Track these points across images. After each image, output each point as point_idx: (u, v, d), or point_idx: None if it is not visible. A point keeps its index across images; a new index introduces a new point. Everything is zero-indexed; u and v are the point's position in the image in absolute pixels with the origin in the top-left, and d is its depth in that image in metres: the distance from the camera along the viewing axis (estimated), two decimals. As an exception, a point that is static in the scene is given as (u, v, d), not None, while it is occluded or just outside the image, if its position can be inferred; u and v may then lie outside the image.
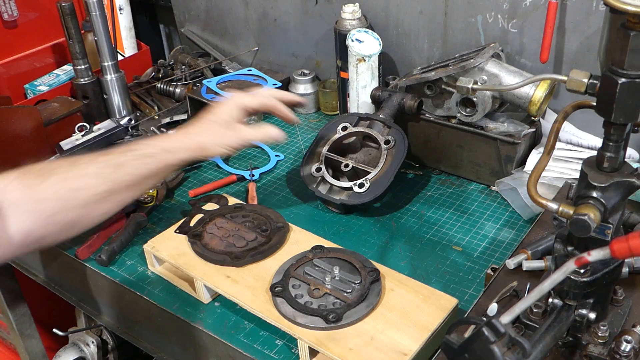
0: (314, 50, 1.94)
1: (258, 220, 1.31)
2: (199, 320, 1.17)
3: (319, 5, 1.84)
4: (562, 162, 1.44)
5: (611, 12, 0.76)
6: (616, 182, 0.81)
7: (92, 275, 1.34)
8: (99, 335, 1.82)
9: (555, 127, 0.92)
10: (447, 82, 1.47)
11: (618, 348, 0.84)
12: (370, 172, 1.41)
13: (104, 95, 1.81)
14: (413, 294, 1.10)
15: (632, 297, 0.97)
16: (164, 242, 1.27)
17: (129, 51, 2.15)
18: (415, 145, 1.57)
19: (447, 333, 0.79)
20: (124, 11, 2.12)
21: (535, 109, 1.38)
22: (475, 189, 1.51)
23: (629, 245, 0.69)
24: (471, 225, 1.39)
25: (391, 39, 1.73)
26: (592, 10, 1.39)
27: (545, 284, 0.73)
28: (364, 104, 1.64)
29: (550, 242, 1.06)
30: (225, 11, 2.09)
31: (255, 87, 1.88)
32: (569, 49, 1.47)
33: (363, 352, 0.99)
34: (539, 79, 0.93)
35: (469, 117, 1.45)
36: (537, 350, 0.79)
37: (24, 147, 1.60)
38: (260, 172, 1.61)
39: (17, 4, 1.89)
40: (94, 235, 1.37)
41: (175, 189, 1.58)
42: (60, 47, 2.02)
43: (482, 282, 1.21)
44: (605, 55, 0.81)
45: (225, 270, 1.19)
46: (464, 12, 1.57)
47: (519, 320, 0.91)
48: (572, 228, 0.80)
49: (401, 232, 1.38)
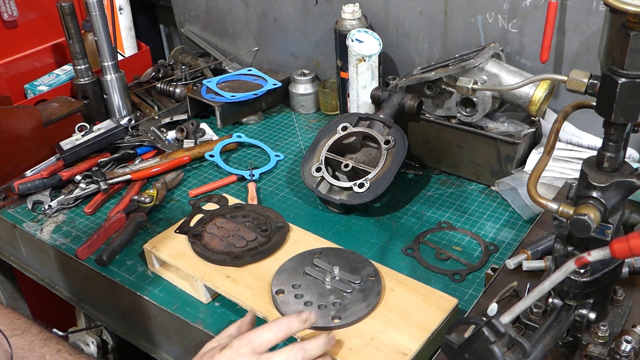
0: (314, 50, 1.94)
1: (258, 220, 1.31)
2: (199, 320, 1.17)
3: (319, 5, 1.84)
4: (562, 162, 1.44)
5: (611, 12, 0.76)
6: (616, 182, 0.81)
7: (92, 275, 1.34)
8: (99, 335, 1.82)
9: (555, 127, 0.92)
10: (447, 82, 1.47)
11: (618, 348, 0.84)
12: (370, 172, 1.41)
13: (104, 95, 1.82)
14: (413, 294, 1.10)
15: (632, 297, 0.97)
16: (164, 242, 1.27)
17: (129, 51, 2.15)
18: (415, 145, 1.57)
19: (447, 333, 0.79)
20: (124, 11, 2.12)
21: (535, 109, 1.38)
22: (475, 189, 1.51)
23: (629, 245, 0.69)
24: (471, 225, 1.39)
25: (391, 39, 1.73)
26: (592, 10, 1.39)
27: (545, 284, 0.73)
28: (364, 104, 1.64)
29: (550, 242, 1.06)
30: (225, 11, 2.09)
31: (255, 87, 1.89)
32: (569, 49, 1.47)
33: (363, 352, 0.99)
34: (539, 79, 0.93)
35: (469, 117, 1.45)
36: (537, 350, 0.79)
37: (24, 147, 1.60)
38: (260, 172, 1.61)
39: (17, 4, 1.89)
40: (94, 235, 1.37)
41: (175, 189, 1.58)
42: (60, 47, 2.02)
43: (482, 282, 1.21)
44: (605, 55, 0.80)
45: (225, 270, 1.19)
46: (464, 12, 1.57)
47: (519, 320, 0.91)
48: (572, 228, 0.80)
49: (401, 232, 1.38)
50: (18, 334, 1.08)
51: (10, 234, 1.53)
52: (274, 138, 1.80)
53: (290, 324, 0.96)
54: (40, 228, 1.46)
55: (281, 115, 1.92)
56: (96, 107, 1.82)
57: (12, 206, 1.54)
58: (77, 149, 1.60)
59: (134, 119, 1.75)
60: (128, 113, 1.84)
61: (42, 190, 1.54)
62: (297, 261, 1.18)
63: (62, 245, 1.40)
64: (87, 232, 1.43)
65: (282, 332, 0.95)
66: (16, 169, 1.59)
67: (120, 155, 1.64)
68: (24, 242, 1.51)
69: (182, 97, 1.94)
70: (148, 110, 1.91)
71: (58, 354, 1.05)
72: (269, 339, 0.94)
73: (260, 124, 1.88)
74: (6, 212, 1.52)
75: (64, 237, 1.42)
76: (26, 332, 1.09)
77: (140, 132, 1.73)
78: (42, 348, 1.06)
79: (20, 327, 1.10)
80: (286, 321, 0.96)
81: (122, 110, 1.84)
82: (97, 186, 1.52)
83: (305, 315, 0.97)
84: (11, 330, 1.08)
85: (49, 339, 1.08)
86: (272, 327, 0.95)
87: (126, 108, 1.84)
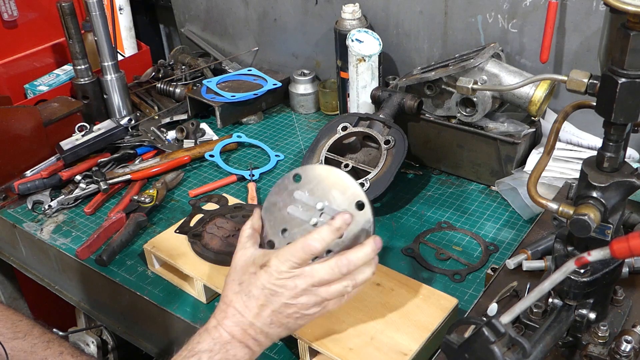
0: (314, 50, 1.94)
1: (258, 220, 1.31)
2: (199, 320, 1.17)
3: (319, 5, 1.84)
4: (562, 162, 1.44)
5: (611, 12, 0.76)
6: (616, 182, 0.81)
7: (92, 275, 1.34)
8: (99, 335, 1.82)
9: (555, 127, 0.92)
10: (447, 82, 1.47)
11: (618, 348, 0.84)
12: (370, 172, 1.41)
13: (104, 95, 1.82)
14: (413, 294, 1.10)
15: (632, 297, 0.97)
16: (164, 242, 1.27)
17: (129, 51, 2.15)
18: (415, 145, 1.57)
19: (447, 333, 0.79)
20: (124, 11, 2.12)
21: (535, 109, 1.38)
22: (475, 189, 1.51)
23: (629, 245, 0.69)
24: (471, 225, 1.39)
25: (391, 39, 1.73)
26: (592, 10, 1.39)
27: (545, 284, 0.73)
28: (364, 104, 1.64)
29: (550, 242, 1.06)
30: (225, 11, 2.09)
31: (255, 87, 1.89)
32: (569, 49, 1.47)
33: (363, 352, 0.99)
34: (539, 79, 0.93)
35: (469, 117, 1.45)
36: (537, 350, 0.79)
37: (24, 147, 1.60)
38: (260, 172, 1.61)
39: (17, 4, 1.89)
40: (94, 235, 1.37)
41: (175, 189, 1.58)
42: (60, 47, 2.02)
43: (482, 282, 1.21)
44: (605, 55, 0.80)
45: (225, 270, 1.17)
46: (464, 12, 1.57)
47: (519, 320, 0.91)
48: (572, 228, 0.80)
49: (401, 232, 1.38)
50: (20, 337, 1.08)
51: (10, 234, 1.53)
52: (274, 138, 1.80)
53: (322, 237, 0.89)
54: (40, 228, 1.46)
55: (281, 115, 1.92)
56: (96, 107, 1.82)
57: (12, 206, 1.54)
58: (77, 149, 1.60)
59: (134, 119, 1.75)
60: (128, 113, 1.84)
61: (42, 190, 1.54)
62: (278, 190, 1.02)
63: (62, 245, 1.40)
64: (87, 232, 1.43)
65: (317, 247, 0.88)
66: (16, 169, 1.59)
67: (120, 155, 1.64)
68: (24, 242, 1.51)
69: (182, 97, 1.94)
70: (148, 110, 1.91)
71: (60, 356, 1.05)
72: (304, 256, 0.89)
73: (260, 124, 1.88)
74: (6, 212, 1.52)
75: (64, 237, 1.42)
76: (28, 335, 1.09)
77: (140, 132, 1.73)
78: (45, 351, 1.06)
79: (22, 329, 1.10)
80: (317, 233, 0.89)
81: (122, 110, 1.84)
82: (97, 186, 1.52)
83: (340, 222, 0.89)
84: (13, 333, 1.08)
85: (51, 341, 1.08)
86: (306, 242, 0.88)
87: (126, 108, 1.84)
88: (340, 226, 0.90)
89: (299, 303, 0.90)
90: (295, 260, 0.89)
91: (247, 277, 0.92)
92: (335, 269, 0.89)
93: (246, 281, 0.92)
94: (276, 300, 0.90)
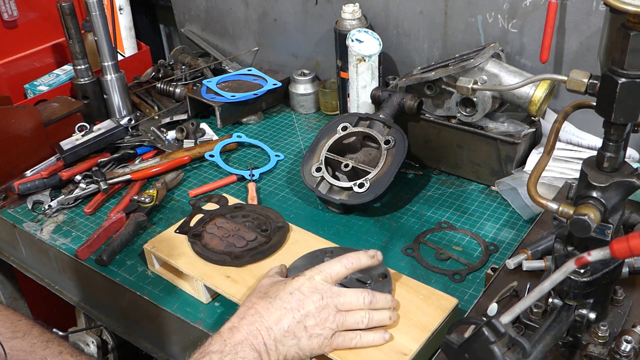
0: (314, 50, 1.94)
1: (258, 220, 1.31)
2: (199, 320, 1.17)
3: (319, 5, 1.84)
4: (562, 162, 1.44)
5: (611, 12, 0.76)
6: (616, 182, 0.81)
7: (92, 275, 1.34)
8: (99, 335, 1.82)
9: (555, 127, 0.92)
10: (447, 82, 1.47)
11: (618, 348, 0.84)
12: (370, 172, 1.41)
13: (104, 95, 1.82)
14: (413, 294, 1.10)
15: (632, 297, 0.97)
16: (164, 242, 1.27)
17: (129, 51, 2.15)
18: (415, 145, 1.57)
19: (447, 333, 0.79)
20: (124, 11, 2.12)
21: (535, 109, 1.38)
22: (475, 189, 1.51)
23: (629, 245, 0.69)
24: (471, 225, 1.39)
25: (391, 39, 1.73)
26: (592, 10, 1.39)
27: (545, 284, 0.73)
28: (364, 104, 1.64)
29: (550, 242, 1.06)
30: (225, 11, 2.09)
31: (255, 87, 1.89)
32: (569, 49, 1.47)
33: (363, 352, 0.99)
34: (539, 79, 0.93)
35: (469, 117, 1.45)
36: (537, 350, 0.79)
37: (24, 147, 1.60)
38: (260, 172, 1.61)
39: (17, 4, 1.89)
40: (94, 235, 1.37)
41: (175, 189, 1.58)
42: (60, 47, 2.02)
43: (482, 282, 1.21)
44: (605, 55, 0.80)
45: (225, 270, 1.19)
46: (464, 12, 1.57)
47: (519, 320, 0.91)
48: (572, 228, 0.80)
49: (401, 232, 1.38)
50: (19, 337, 1.08)
51: (10, 234, 1.53)
52: (274, 138, 1.80)
53: (358, 258, 1.01)
54: (40, 228, 1.46)
55: (281, 115, 1.92)
56: (96, 107, 1.82)
57: (12, 206, 1.54)
58: (77, 149, 1.60)
59: (134, 119, 1.75)
60: (128, 113, 1.84)
61: (42, 190, 1.54)
62: (308, 260, 1.17)
63: (62, 245, 1.40)
64: (87, 232, 1.43)
65: (351, 264, 1.00)
66: (16, 169, 1.59)
67: (120, 155, 1.64)
68: (24, 242, 1.51)
69: (182, 97, 1.94)
70: (148, 110, 1.91)
71: (60, 355, 1.05)
72: (339, 269, 1.00)
73: (260, 124, 1.88)
74: (6, 212, 1.52)
75: (64, 237, 1.42)
76: (27, 334, 1.09)
77: (140, 132, 1.73)
78: (44, 350, 1.06)
79: (21, 329, 1.10)
80: (355, 255, 1.02)
81: (122, 110, 1.84)
82: (97, 186, 1.52)
83: (373, 252, 1.03)
84: (12, 333, 1.08)
85: (51, 340, 1.08)
86: (342, 260, 1.00)
87: (126, 108, 1.84)
88: (375, 255, 1.03)
89: (320, 317, 0.95)
90: (329, 272, 0.98)
91: (275, 287, 0.98)
92: (360, 296, 0.98)
93: (274, 289, 0.98)
94: (301, 305, 0.95)
